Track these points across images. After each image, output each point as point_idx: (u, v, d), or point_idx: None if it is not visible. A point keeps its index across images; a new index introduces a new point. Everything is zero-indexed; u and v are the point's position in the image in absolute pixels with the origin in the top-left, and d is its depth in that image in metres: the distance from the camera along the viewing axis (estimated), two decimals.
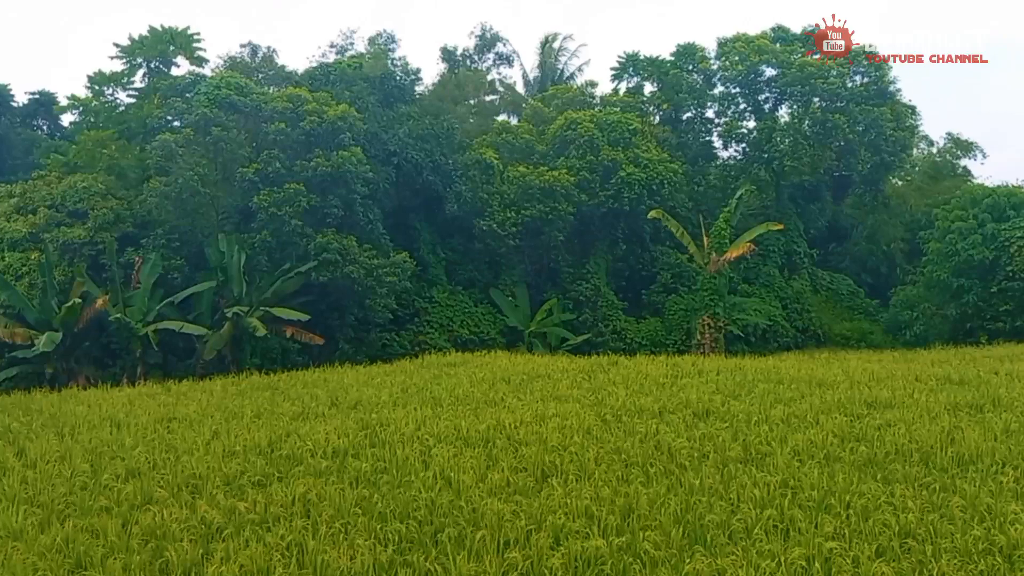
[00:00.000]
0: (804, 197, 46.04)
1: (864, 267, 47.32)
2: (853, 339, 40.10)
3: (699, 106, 45.61)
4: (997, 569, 7.73)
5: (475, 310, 36.77)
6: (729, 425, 13.60)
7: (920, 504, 9.40)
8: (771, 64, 43.74)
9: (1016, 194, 38.04)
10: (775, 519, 8.98)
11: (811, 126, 41.88)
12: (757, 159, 43.55)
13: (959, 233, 36.19)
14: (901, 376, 18.94)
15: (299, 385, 21.54)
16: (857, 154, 43.25)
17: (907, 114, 45.28)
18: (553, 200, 36.67)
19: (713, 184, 45.88)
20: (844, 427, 13.24)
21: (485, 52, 51.85)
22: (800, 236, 44.45)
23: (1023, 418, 13.64)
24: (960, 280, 35.80)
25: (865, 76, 44.32)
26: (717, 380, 18.87)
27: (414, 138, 35.96)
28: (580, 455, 11.72)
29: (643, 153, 38.88)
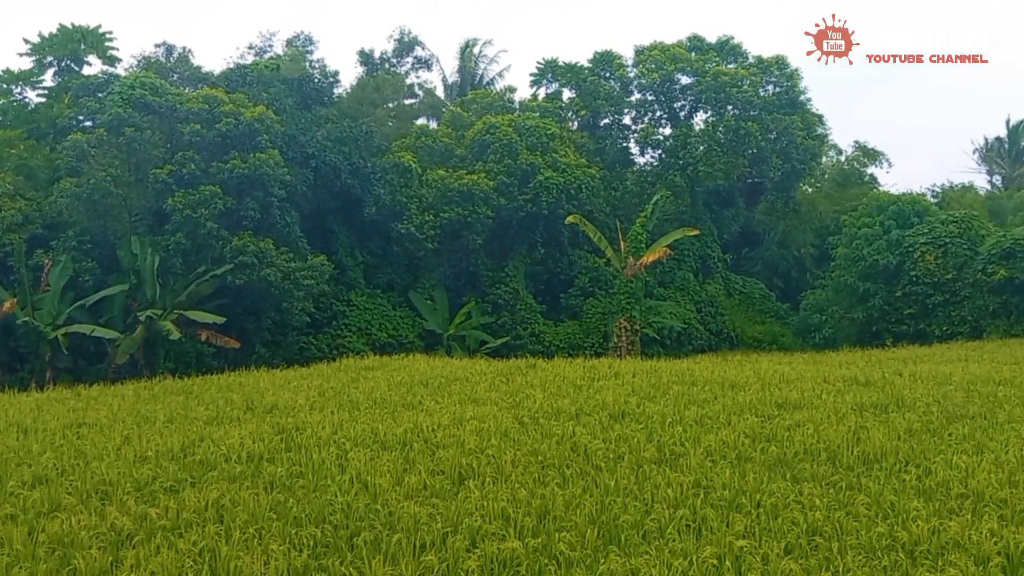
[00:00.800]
0: (718, 203, 47.04)
1: (776, 271, 48.55)
2: (765, 341, 41.12)
3: (616, 112, 46.29)
4: (899, 564, 7.96)
5: (394, 313, 36.56)
6: (644, 426, 13.77)
7: (827, 502, 9.63)
8: (686, 72, 44.68)
9: (919, 202, 39.57)
10: (688, 518, 9.12)
11: (725, 133, 42.83)
12: (673, 165, 44.35)
13: (865, 239, 37.43)
14: (810, 377, 19.42)
15: (213, 389, 21.08)
16: (769, 161, 44.45)
17: (816, 123, 46.68)
18: (472, 203, 36.70)
19: (630, 189, 46.55)
20: (755, 428, 13.51)
21: (404, 56, 51.74)
22: (714, 241, 45.38)
23: (925, 418, 14.13)
24: (866, 284, 37.01)
25: (777, 86, 45.53)
26: (633, 382, 19.09)
27: (332, 141, 35.59)
28: (497, 458, 11.73)
29: (561, 158, 39.21)
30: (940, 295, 35.37)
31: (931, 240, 35.99)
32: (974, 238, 35.72)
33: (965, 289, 34.91)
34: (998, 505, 9.38)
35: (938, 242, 35.81)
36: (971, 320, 34.44)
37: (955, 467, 10.88)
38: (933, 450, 11.89)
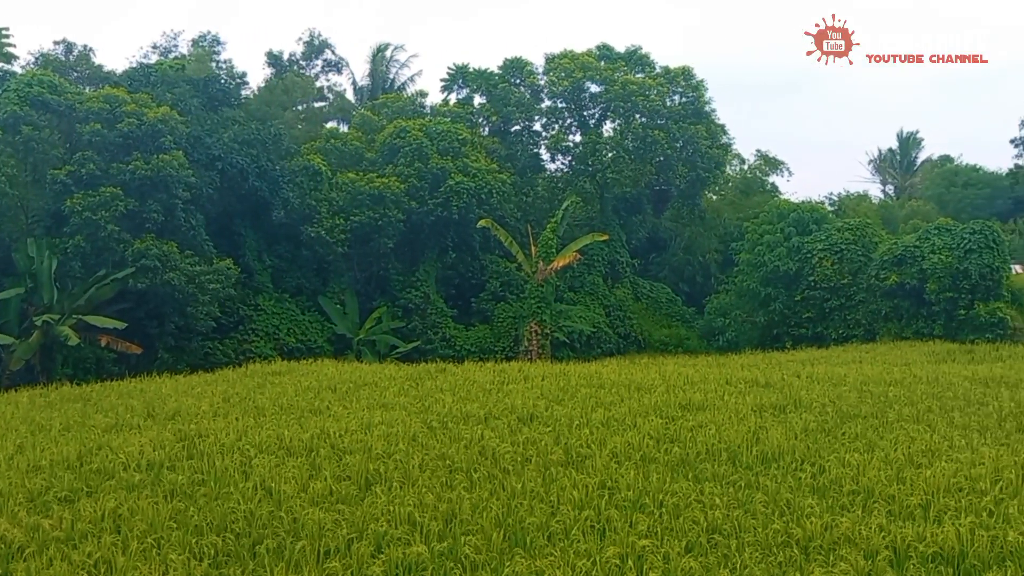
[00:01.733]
0: (627, 209, 47.78)
1: (682, 276, 49.53)
2: (671, 344, 41.89)
3: (527, 119, 46.61)
4: (794, 560, 8.22)
5: (302, 318, 36.06)
6: (552, 429, 13.91)
7: (727, 501, 9.87)
8: (596, 81, 45.28)
9: (818, 210, 40.99)
10: (593, 519, 9.25)
11: (633, 141, 43.58)
12: (583, 172, 44.91)
13: (767, 245, 38.56)
14: (713, 379, 19.89)
15: (113, 396, 20.46)
16: (675, 169, 45.42)
17: (721, 132, 47.88)
18: (383, 207, 36.49)
19: (541, 195, 47.00)
20: (660, 429, 13.78)
21: (313, 58, 51.16)
22: (623, 246, 46.06)
23: (820, 418, 14.64)
24: (768, 289, 38.11)
25: (683, 96, 46.51)
26: (542, 385, 19.25)
27: (240, 143, 34.92)
28: (405, 462, 11.70)
29: (472, 163, 39.30)
30: (836, 299, 36.67)
31: (828, 247, 37.29)
32: (868, 245, 37.15)
33: (859, 294, 36.28)
34: (887, 501, 9.76)
35: (835, 249, 37.13)
36: (865, 323, 35.78)
37: (847, 465, 11.27)
38: (827, 449, 12.31)
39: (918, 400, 16.24)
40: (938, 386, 18.03)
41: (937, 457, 11.61)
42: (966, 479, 10.40)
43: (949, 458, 11.49)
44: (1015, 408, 15.03)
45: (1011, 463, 10.98)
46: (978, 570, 7.86)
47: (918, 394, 16.96)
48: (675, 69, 46.99)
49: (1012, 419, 14.12)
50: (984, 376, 19.39)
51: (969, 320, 32.57)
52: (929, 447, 12.25)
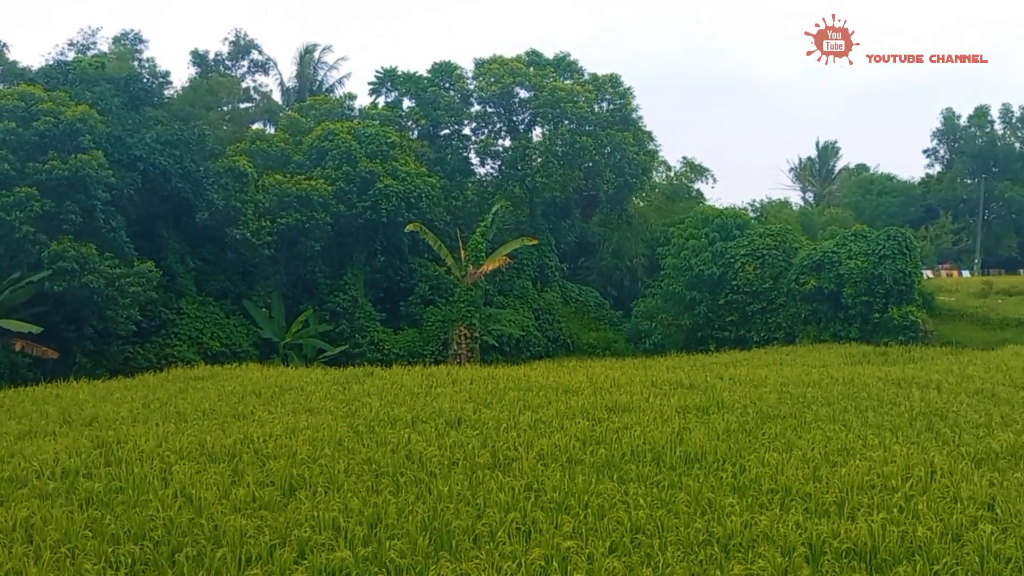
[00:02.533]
0: (556, 214, 48.14)
1: (610, 281, 50.08)
2: (599, 347, 42.31)
3: (456, 123, 46.68)
4: (714, 558, 8.37)
5: (227, 321, 35.48)
6: (480, 432, 13.94)
7: (650, 501, 10.01)
8: (525, 86, 45.56)
9: (741, 216, 41.95)
10: (518, 521, 9.30)
11: (562, 147, 43.93)
12: (512, 176, 45.12)
13: (692, 250, 39.25)
14: (639, 382, 20.14)
15: (28, 402, 19.86)
16: (603, 175, 45.95)
17: (647, 139, 48.57)
18: (310, 209, 36.12)
19: (470, 199, 47.05)
20: (586, 431, 13.91)
21: (240, 59, 50.47)
22: (552, 251, 46.37)
23: (742, 418, 14.95)
24: (693, 293, 38.78)
25: (611, 103, 47.06)
26: (470, 389, 19.28)
27: (162, 143, 34.17)
28: (330, 467, 11.61)
29: (401, 166, 39.15)
30: (758, 303, 37.52)
31: (751, 252, 38.16)
32: (788, 250, 38.14)
33: (780, 298, 37.20)
34: (803, 499, 10.01)
35: (757, 254, 38.02)
36: (785, 326, 36.69)
37: (767, 464, 11.52)
38: (748, 449, 12.58)
39: (835, 400, 16.69)
40: (854, 387, 18.58)
41: (852, 456, 11.94)
42: (878, 476, 10.72)
43: (863, 456, 11.83)
44: (925, 408, 15.57)
45: (920, 461, 11.37)
46: (889, 564, 8.10)
47: (835, 395, 17.44)
48: (603, 76, 47.55)
49: (922, 418, 14.63)
50: (897, 377, 20.03)
51: (883, 323, 33.64)
52: (844, 446, 12.60)
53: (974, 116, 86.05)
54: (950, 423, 14.20)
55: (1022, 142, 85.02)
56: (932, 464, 11.21)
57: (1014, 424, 13.94)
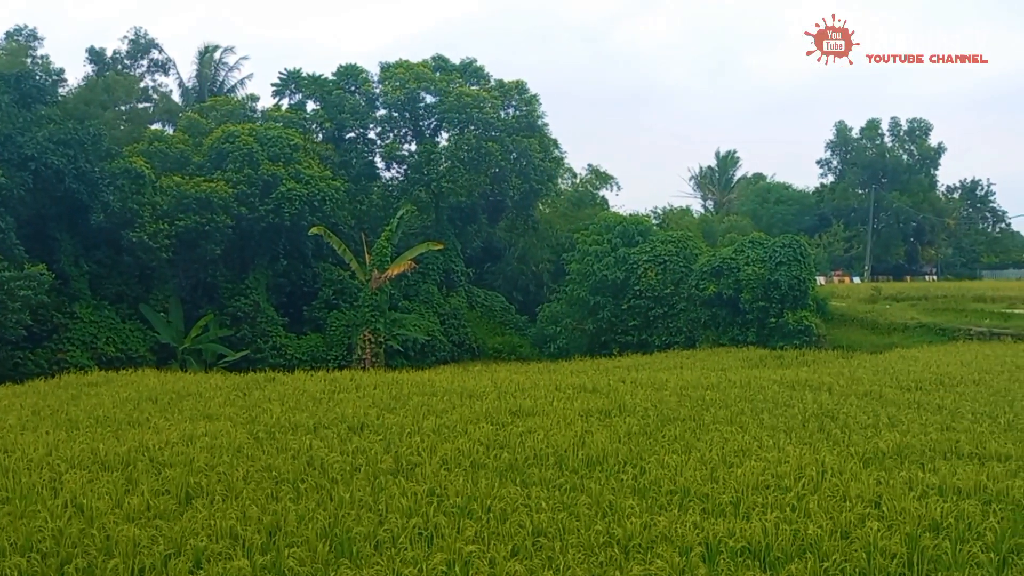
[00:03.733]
0: (462, 219, 48.17)
1: (515, 285, 50.33)
2: (504, 352, 42.47)
3: (362, 126, 46.31)
4: (614, 559, 8.46)
5: (123, 326, 34.34)
6: (383, 438, 13.84)
7: (552, 504, 10.06)
8: (431, 91, 45.49)
9: (643, 222, 42.69)
10: (421, 527, 9.25)
11: (468, 152, 43.96)
12: (418, 181, 44.95)
13: (596, 256, 39.76)
14: (543, 386, 20.29)
15: None
16: (509, 180, 46.16)
17: (553, 146, 49.05)
18: (210, 212, 35.29)
19: (376, 203, 46.71)
20: (490, 435, 13.94)
21: (139, 58, 49.04)
22: (458, 255, 46.36)
23: (643, 421, 15.19)
24: (596, 298, 39.27)
25: (517, 109, 47.38)
26: (374, 394, 19.13)
27: (55, 143, 32.80)
28: (229, 474, 11.35)
29: (305, 169, 38.61)
30: (660, 308, 38.22)
31: (653, 258, 38.87)
32: (689, 257, 38.98)
33: (681, 303, 37.98)
34: (701, 499, 10.22)
35: (658, 260, 38.76)
36: (686, 331, 37.46)
37: (666, 466, 11.73)
38: (649, 451, 12.78)
39: (732, 403, 17.11)
40: (750, 390, 19.08)
41: (748, 456, 12.25)
42: (773, 476, 11.02)
43: (758, 457, 12.14)
44: (817, 410, 16.10)
45: (812, 461, 11.74)
46: (781, 562, 8.32)
47: (732, 397, 17.88)
48: (509, 83, 47.85)
49: (814, 420, 15.11)
50: (791, 380, 20.65)
51: (779, 328, 34.66)
52: (741, 447, 12.91)
53: (865, 129, 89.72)
54: (840, 424, 14.69)
55: (909, 154, 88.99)
56: (823, 464, 11.56)
57: (900, 425, 14.50)
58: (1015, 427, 13.85)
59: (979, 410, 15.56)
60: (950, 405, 16.29)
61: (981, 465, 11.43)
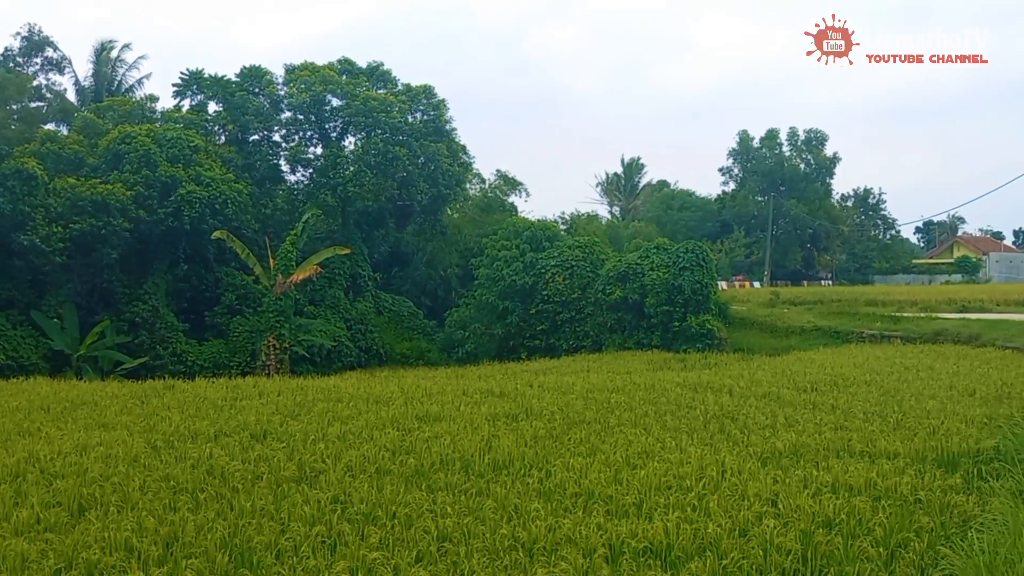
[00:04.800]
0: (369, 223, 47.78)
1: (424, 290, 50.19)
2: (412, 357, 42.31)
3: (266, 129, 45.53)
4: (519, 563, 8.48)
5: (13, 333, 33.00)
6: (286, 445, 13.58)
7: (458, 509, 10.02)
8: (337, 94, 45.02)
9: (551, 228, 43.18)
10: (324, 534, 9.11)
11: (375, 156, 43.65)
12: (324, 185, 44.40)
13: (504, 261, 39.97)
14: (451, 391, 20.22)
15: None
16: (417, 185, 45.98)
17: (461, 151, 49.10)
18: (107, 215, 34.20)
19: (281, 207, 46.02)
20: (396, 441, 13.82)
21: (33, 55, 47.15)
22: (365, 260, 45.99)
23: (549, 425, 15.27)
24: (505, 303, 39.45)
25: (425, 114, 47.26)
26: (278, 401, 18.77)
27: None
28: (124, 485, 10.98)
29: (206, 172, 37.74)
30: (567, 312, 38.63)
31: (560, 263, 39.28)
32: (596, 262, 39.53)
33: (588, 307, 38.46)
34: (605, 501, 10.32)
35: (566, 265, 39.19)
36: (593, 335, 37.94)
37: (571, 469, 11.80)
38: (555, 454, 12.84)
39: (637, 405, 17.34)
40: (654, 392, 19.37)
41: (651, 458, 12.42)
42: (675, 477, 11.20)
43: (661, 458, 12.33)
44: (718, 411, 16.44)
45: (713, 461, 11.98)
46: (682, 561, 8.46)
47: (637, 400, 18.13)
48: (417, 87, 47.72)
49: (715, 421, 15.43)
50: (693, 382, 21.06)
51: (682, 331, 35.39)
52: (644, 449, 13.09)
53: (765, 138, 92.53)
54: (740, 425, 15.01)
55: (806, 163, 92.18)
56: (723, 464, 11.80)
57: (796, 425, 14.91)
58: (903, 426, 14.37)
59: (870, 410, 16.08)
60: (843, 405, 16.81)
61: (871, 463, 11.80)
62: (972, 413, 15.10)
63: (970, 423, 14.26)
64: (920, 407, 16.08)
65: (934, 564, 8.07)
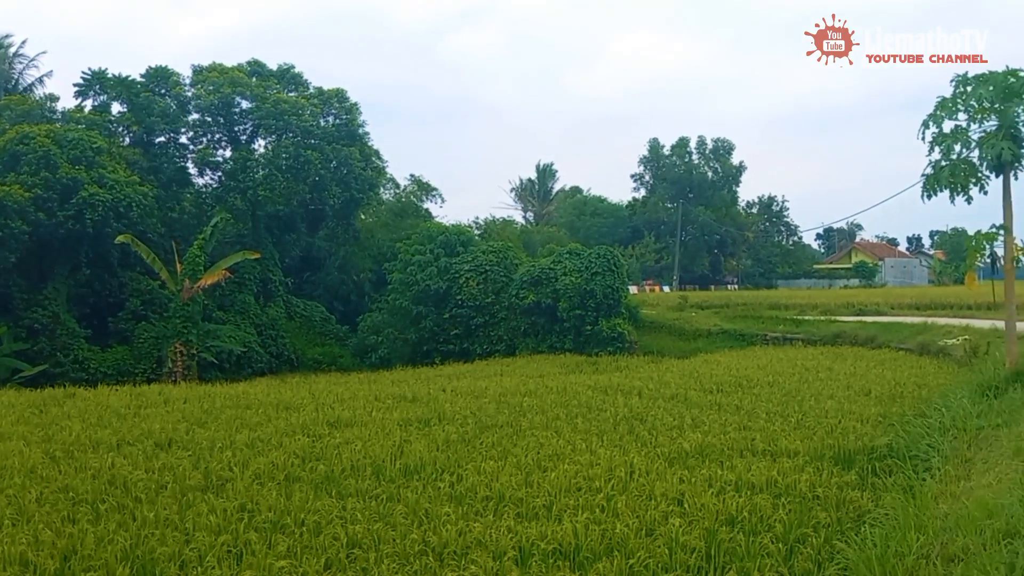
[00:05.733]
0: (280, 227, 47.08)
1: (336, 295, 49.66)
2: (325, 362, 41.82)
3: (173, 131, 44.41)
4: (429, 567, 8.48)
5: None
6: (192, 453, 13.32)
7: (368, 515, 9.96)
8: (246, 97, 44.24)
9: (465, 232, 43.22)
10: (230, 544, 8.95)
11: (286, 159, 43.05)
12: (234, 188, 43.61)
13: (418, 265, 39.87)
14: (363, 396, 20.12)
15: None
16: (329, 189, 45.49)
17: (374, 155, 48.80)
18: (4, 217, 32.97)
19: (188, 210, 45.01)
20: (306, 448, 13.67)
21: None
22: (276, 265, 45.30)
23: (462, 429, 15.30)
24: (419, 307, 39.35)
25: (337, 117, 46.83)
26: (184, 408, 18.39)
27: None
28: (20, 497, 10.59)
29: (109, 174, 36.64)
30: (481, 317, 38.75)
31: (474, 268, 39.39)
32: (509, 267, 39.77)
33: (502, 311, 38.66)
34: (516, 504, 10.38)
35: (480, 269, 39.32)
36: (506, 339, 38.16)
37: (483, 472, 11.85)
38: (466, 458, 12.88)
39: (548, 408, 17.51)
40: (566, 395, 19.59)
41: (561, 460, 12.54)
42: (584, 479, 11.34)
43: (572, 460, 12.46)
44: (628, 413, 16.71)
45: (622, 462, 12.17)
46: (590, 561, 8.57)
47: (549, 403, 18.30)
48: (329, 90, 47.27)
49: (625, 423, 15.69)
50: (604, 385, 21.36)
51: (594, 335, 35.87)
52: (555, 451, 13.22)
53: (676, 146, 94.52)
54: (648, 426, 15.27)
55: (713, 171, 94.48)
56: (632, 465, 11.98)
57: (702, 425, 15.25)
58: (803, 425, 14.84)
59: (772, 410, 16.54)
60: (747, 406, 17.24)
61: (773, 461, 12.14)
62: (867, 412, 15.67)
63: (865, 422, 14.80)
64: (819, 407, 16.61)
65: (830, 558, 8.34)
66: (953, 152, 14.29)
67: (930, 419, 13.19)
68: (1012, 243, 14.70)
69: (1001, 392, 13.55)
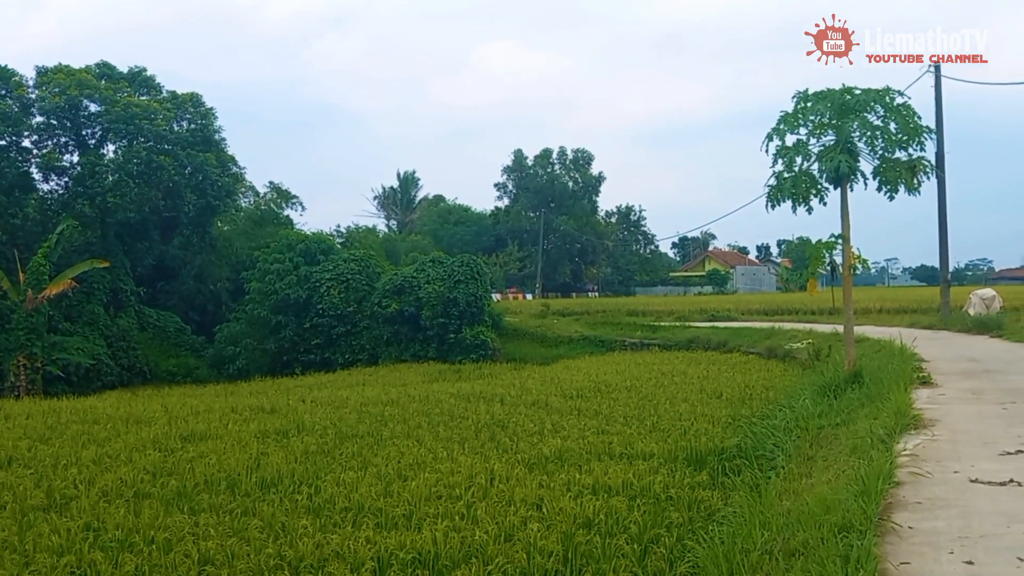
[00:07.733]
0: (131, 235, 45.20)
1: (192, 305, 48.05)
2: (180, 374, 40.37)
3: (15, 134, 42.01)
4: None
5: None
6: (34, 471, 12.70)
7: (222, 530, 9.73)
8: (95, 100, 42.38)
9: (325, 241, 42.70)
10: (73, 565, 8.61)
11: (137, 165, 41.45)
12: (81, 194, 41.60)
13: (277, 274, 39.10)
14: (219, 409, 19.61)
15: None
16: (184, 196, 44.05)
17: (231, 162, 47.55)
18: None
19: (32, 217, 42.70)
20: (157, 462, 13.25)
21: None
22: (127, 274, 43.49)
23: (321, 440, 15.12)
24: (278, 317, 38.59)
25: (192, 122, 45.43)
26: (27, 424, 17.54)
27: None
28: None
29: None
30: (343, 326, 38.34)
31: (335, 276, 38.94)
32: (372, 275, 39.53)
33: (364, 320, 38.36)
34: (375, 514, 10.35)
35: (341, 278, 38.90)
36: (369, 348, 37.88)
37: (342, 483, 11.75)
38: (325, 469, 12.74)
39: (410, 417, 17.51)
40: (428, 403, 19.63)
41: (422, 469, 12.58)
42: (445, 487, 11.41)
43: (432, 469, 12.52)
44: (490, 419, 16.90)
45: (483, 469, 12.30)
46: (449, 569, 8.65)
47: (411, 411, 18.31)
48: (183, 95, 45.82)
49: (487, 430, 15.85)
50: (467, 392, 21.51)
51: (458, 343, 36.05)
52: (416, 460, 13.24)
53: (539, 157, 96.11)
54: (510, 432, 15.47)
55: (574, 181, 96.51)
56: (492, 471, 12.13)
57: (562, 430, 15.56)
58: (658, 428, 15.35)
59: (630, 414, 17.04)
60: (606, 410, 17.70)
61: (629, 464, 12.51)
62: (718, 414, 16.36)
63: (716, 423, 15.45)
64: (674, 410, 17.22)
65: (682, 557, 8.68)
66: (795, 164, 15.04)
67: (775, 420, 13.90)
68: (849, 251, 15.55)
69: (840, 392, 14.36)
